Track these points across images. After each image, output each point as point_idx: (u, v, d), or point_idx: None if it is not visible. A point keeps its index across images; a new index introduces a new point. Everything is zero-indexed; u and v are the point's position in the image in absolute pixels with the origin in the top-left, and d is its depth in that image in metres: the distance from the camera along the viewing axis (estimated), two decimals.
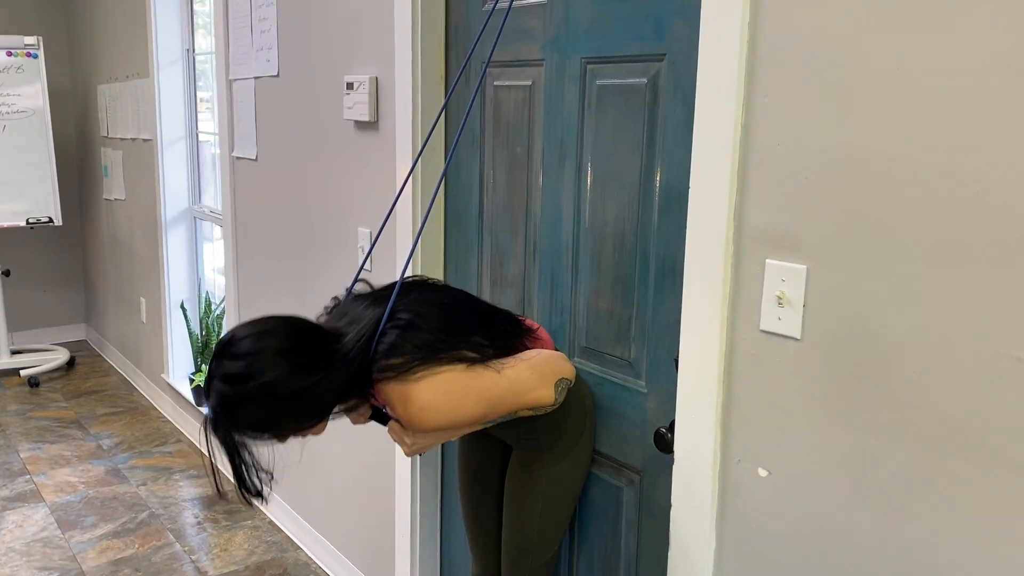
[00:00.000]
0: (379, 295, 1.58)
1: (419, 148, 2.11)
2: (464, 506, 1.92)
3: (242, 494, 1.47)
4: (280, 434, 1.45)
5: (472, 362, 1.49)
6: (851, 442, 1.23)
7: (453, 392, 1.46)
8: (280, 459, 3.08)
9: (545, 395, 1.57)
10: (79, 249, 5.47)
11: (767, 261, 1.31)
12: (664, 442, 1.58)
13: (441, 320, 1.51)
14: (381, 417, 1.69)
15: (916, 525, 1.17)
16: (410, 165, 2.13)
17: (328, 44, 2.47)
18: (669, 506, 1.62)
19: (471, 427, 1.59)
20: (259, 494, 1.47)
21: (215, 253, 4.15)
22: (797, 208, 1.26)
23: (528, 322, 1.70)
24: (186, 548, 2.99)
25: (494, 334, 1.57)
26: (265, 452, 1.48)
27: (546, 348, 1.67)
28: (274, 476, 1.51)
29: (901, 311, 1.15)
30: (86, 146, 5.11)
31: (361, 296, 1.62)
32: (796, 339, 1.28)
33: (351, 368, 1.44)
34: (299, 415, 1.44)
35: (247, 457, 1.44)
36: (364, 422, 1.66)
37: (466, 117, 1.73)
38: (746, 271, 1.34)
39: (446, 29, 2.09)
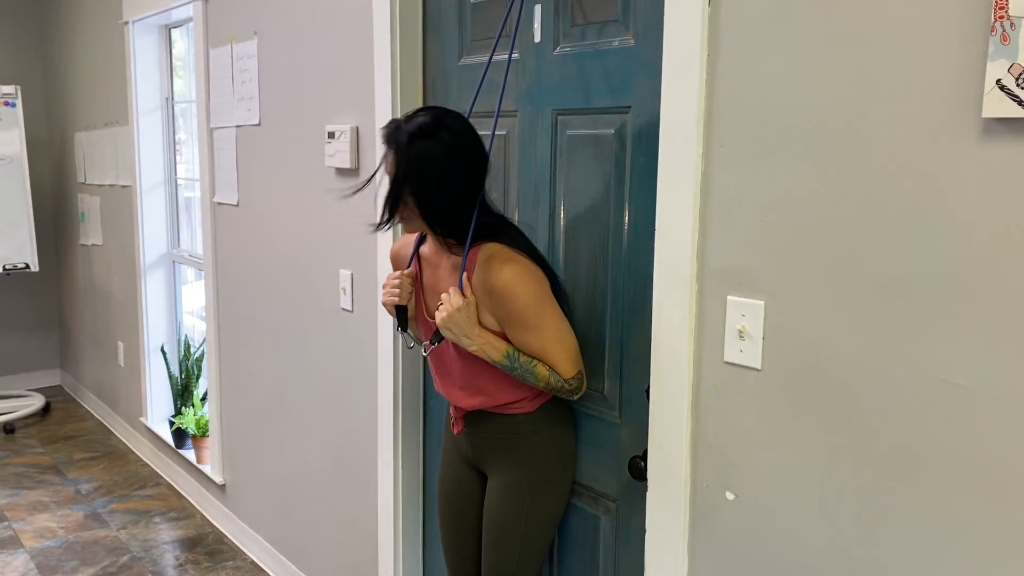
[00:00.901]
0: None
1: None
2: (444, 541, 1.98)
3: (383, 215, 1.67)
4: (419, 186, 1.61)
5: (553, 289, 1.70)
6: (810, 464, 1.33)
7: (541, 283, 1.65)
8: (265, 499, 3.12)
9: (570, 367, 1.68)
10: (54, 294, 5.48)
11: (728, 297, 1.41)
12: (638, 470, 1.66)
13: (540, 254, 1.74)
14: (402, 319, 1.82)
15: (871, 537, 1.26)
16: None
17: (309, 95, 2.57)
18: (644, 532, 1.70)
19: (499, 349, 1.66)
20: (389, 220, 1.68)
21: (193, 296, 4.20)
22: (755, 248, 1.37)
23: None
24: None
25: (562, 293, 1.75)
26: None
27: None
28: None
29: (851, 341, 1.26)
30: (62, 192, 5.15)
31: None
32: (757, 369, 1.38)
33: (485, 203, 1.69)
34: (444, 181, 1.61)
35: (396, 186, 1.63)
36: (395, 303, 1.81)
37: (488, 159, 1.83)
38: (709, 307, 1.45)
39: (423, 82, 2.20)
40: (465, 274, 1.67)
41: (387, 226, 1.68)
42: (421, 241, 1.85)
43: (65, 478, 4.04)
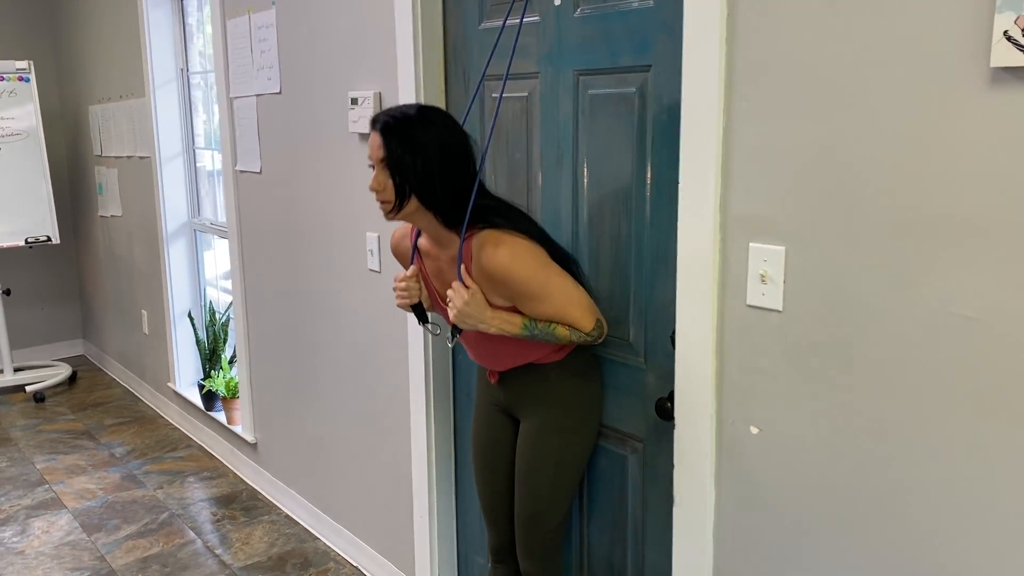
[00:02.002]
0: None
1: None
2: (479, 480, 2.09)
3: (397, 198, 1.70)
4: (408, 171, 1.67)
5: (550, 255, 1.75)
6: (830, 397, 1.43)
7: (538, 257, 1.72)
8: (299, 451, 3.24)
9: (587, 321, 1.77)
10: (74, 266, 5.58)
11: (750, 245, 1.50)
12: (665, 411, 1.77)
13: (531, 221, 1.81)
14: (421, 313, 1.91)
15: (890, 466, 1.37)
16: None
17: (330, 63, 2.64)
18: (670, 469, 1.81)
19: (515, 324, 1.75)
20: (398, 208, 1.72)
21: (215, 264, 4.29)
22: (775, 197, 1.45)
23: None
24: (208, 544, 3.14)
25: (562, 253, 1.82)
26: None
27: None
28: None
29: (866, 280, 1.35)
30: (78, 165, 5.23)
31: None
32: (779, 311, 1.48)
33: (474, 190, 1.72)
34: (430, 170, 1.67)
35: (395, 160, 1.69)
36: (409, 304, 1.88)
37: (493, 127, 1.91)
38: (732, 254, 1.54)
39: (444, 47, 2.27)
40: (463, 265, 1.74)
41: (402, 208, 1.72)
42: (418, 235, 1.91)
43: (98, 442, 4.17)
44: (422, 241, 1.89)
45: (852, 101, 1.33)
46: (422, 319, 1.93)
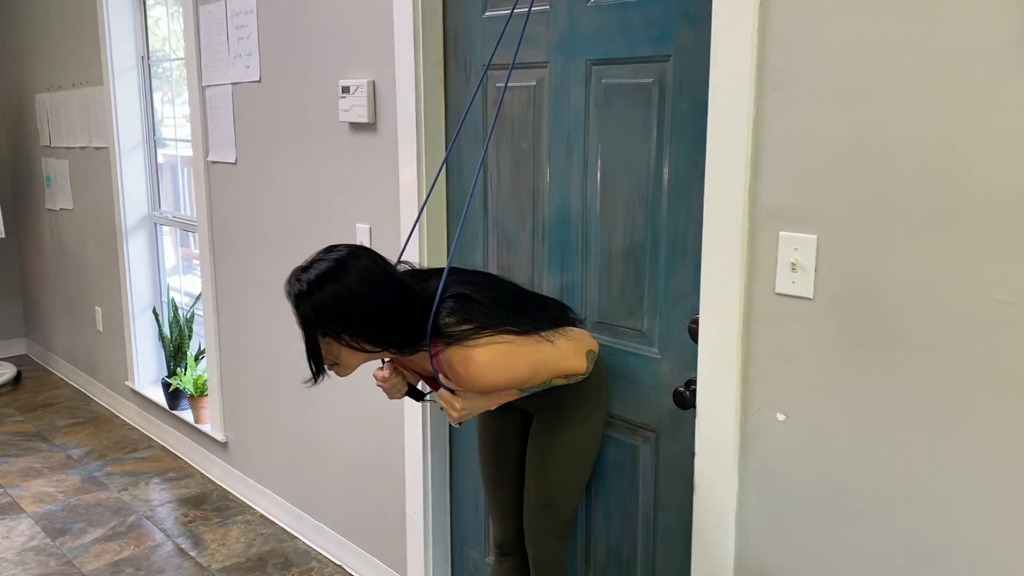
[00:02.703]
0: (427, 274, 1.75)
1: (422, 149, 2.26)
2: (486, 474, 2.08)
3: (311, 368, 1.64)
4: (340, 332, 1.60)
5: (522, 332, 1.68)
6: (861, 384, 1.45)
7: (509, 356, 1.67)
8: (272, 447, 3.17)
9: (579, 364, 1.76)
10: (16, 262, 5.35)
11: (781, 233, 1.52)
12: (683, 399, 1.78)
13: (491, 297, 1.69)
14: (416, 394, 1.86)
15: (921, 454, 1.40)
16: (415, 164, 2.28)
17: (317, 50, 2.58)
18: (684, 459, 1.82)
19: (512, 393, 1.76)
20: (320, 373, 1.65)
21: (175, 258, 4.17)
22: (807, 185, 1.47)
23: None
24: (181, 546, 3.05)
25: (535, 310, 1.76)
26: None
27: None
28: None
29: (902, 267, 1.38)
30: (22, 157, 5.01)
31: (410, 271, 1.77)
32: (809, 299, 1.50)
33: (421, 313, 1.63)
34: (368, 323, 1.60)
35: (312, 341, 1.62)
36: (399, 396, 1.85)
37: (497, 117, 1.89)
38: (761, 243, 1.55)
39: (444, 35, 2.24)
40: (442, 376, 1.71)
41: (322, 377, 1.66)
42: None
43: (52, 444, 4.01)
44: None
45: (888, 86, 1.36)
46: (418, 398, 1.92)
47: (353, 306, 1.60)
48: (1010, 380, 1.28)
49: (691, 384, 1.77)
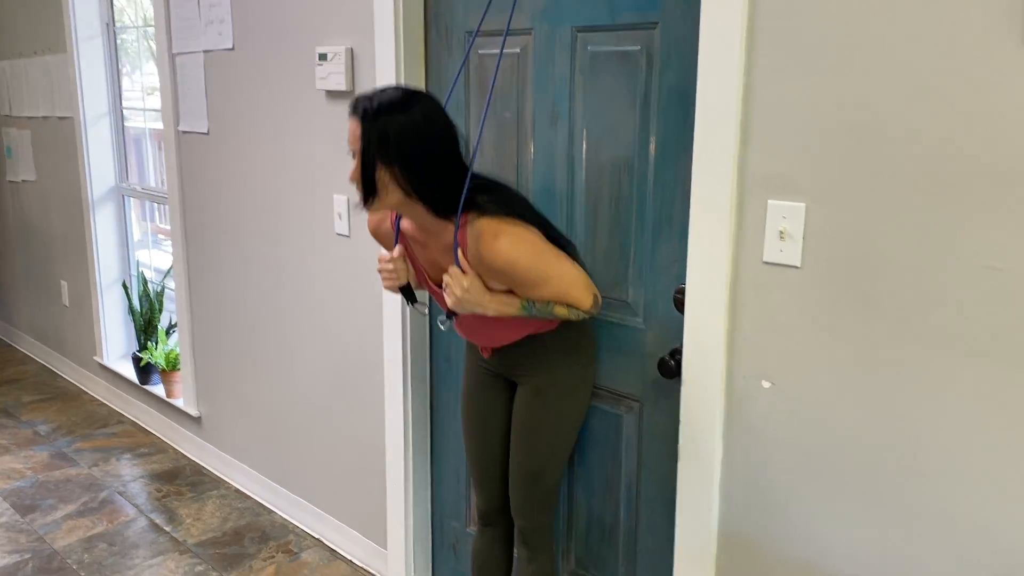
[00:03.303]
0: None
1: None
2: (470, 443, 2.07)
3: (361, 192, 1.63)
4: (392, 160, 1.59)
5: (547, 238, 1.71)
6: (848, 351, 1.47)
7: (536, 244, 1.67)
8: (252, 423, 3.14)
9: (587, 298, 1.76)
10: None
11: (769, 202, 1.52)
12: (668, 368, 1.78)
13: (523, 202, 1.77)
14: (410, 295, 1.86)
15: (907, 423, 1.42)
16: None
17: (292, 17, 2.53)
18: (668, 429, 1.83)
19: (514, 304, 1.72)
20: (371, 196, 1.64)
21: (145, 231, 4.09)
22: (797, 153, 1.48)
23: None
24: (156, 521, 3.01)
25: (558, 235, 1.78)
26: None
27: None
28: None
29: (890, 236, 1.39)
30: None
31: None
32: (797, 267, 1.51)
33: (465, 175, 1.65)
34: (422, 159, 1.60)
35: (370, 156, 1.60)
36: (395, 287, 1.83)
37: (493, 88, 1.86)
38: (749, 212, 1.56)
39: (425, 1, 2.21)
40: (460, 250, 1.69)
41: (373, 203, 1.64)
42: (400, 217, 1.83)
43: (19, 420, 3.93)
44: (404, 223, 1.81)
45: (878, 54, 1.36)
46: (411, 299, 1.89)
47: (415, 137, 1.59)
48: (999, 348, 1.30)
49: (676, 354, 1.77)
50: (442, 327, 1.83)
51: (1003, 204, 1.26)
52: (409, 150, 1.59)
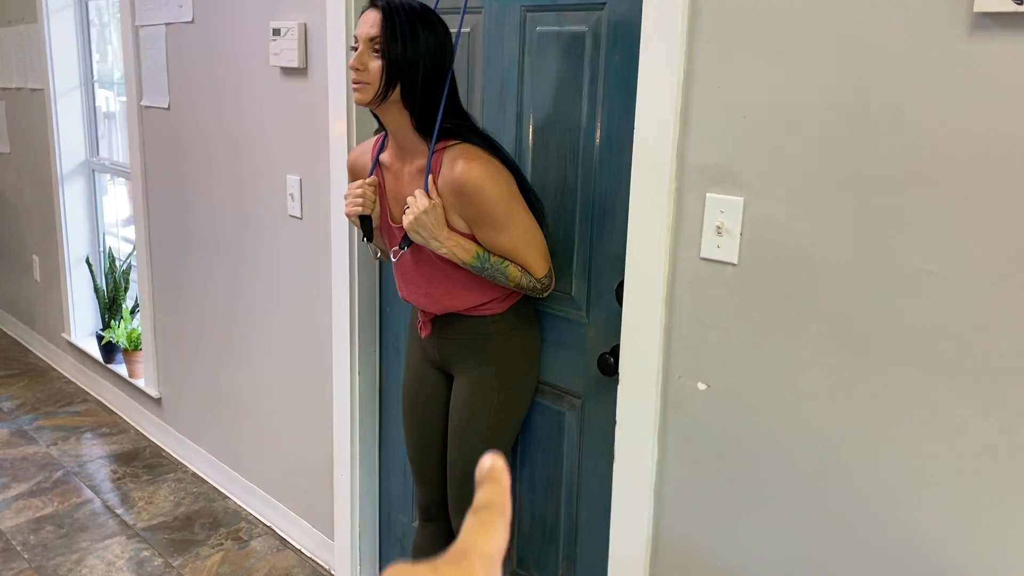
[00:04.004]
0: None
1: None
2: (409, 437, 2.00)
3: (383, 83, 1.61)
4: (399, 58, 1.58)
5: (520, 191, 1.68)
6: (783, 354, 1.39)
7: (510, 183, 1.64)
8: (207, 403, 3.08)
9: (541, 265, 1.70)
10: None
11: (707, 195, 1.44)
12: (607, 366, 1.71)
13: (506, 153, 1.72)
14: (368, 229, 1.79)
15: (840, 424, 1.34)
16: (344, 114, 2.17)
17: None
18: (609, 426, 1.76)
19: (468, 251, 1.66)
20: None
21: (115, 210, 4.02)
22: (736, 146, 1.39)
23: None
24: (108, 503, 2.96)
25: (532, 196, 1.73)
26: None
27: None
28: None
29: (828, 235, 1.31)
30: None
31: None
32: (734, 264, 1.43)
33: (449, 104, 1.63)
34: (424, 63, 1.60)
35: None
36: (357, 213, 1.76)
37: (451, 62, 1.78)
38: (687, 204, 1.48)
39: None
40: (431, 176, 1.65)
41: (385, 96, 1.62)
42: (380, 149, 1.80)
43: None
44: (385, 155, 1.78)
45: (820, 45, 1.27)
46: (367, 235, 1.81)
47: (432, 49, 1.60)
48: (932, 354, 1.22)
49: (617, 350, 1.70)
50: (392, 259, 1.78)
51: (941, 206, 1.18)
52: (419, 57, 1.59)
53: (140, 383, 3.47)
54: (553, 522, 1.95)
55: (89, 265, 3.83)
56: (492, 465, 0.47)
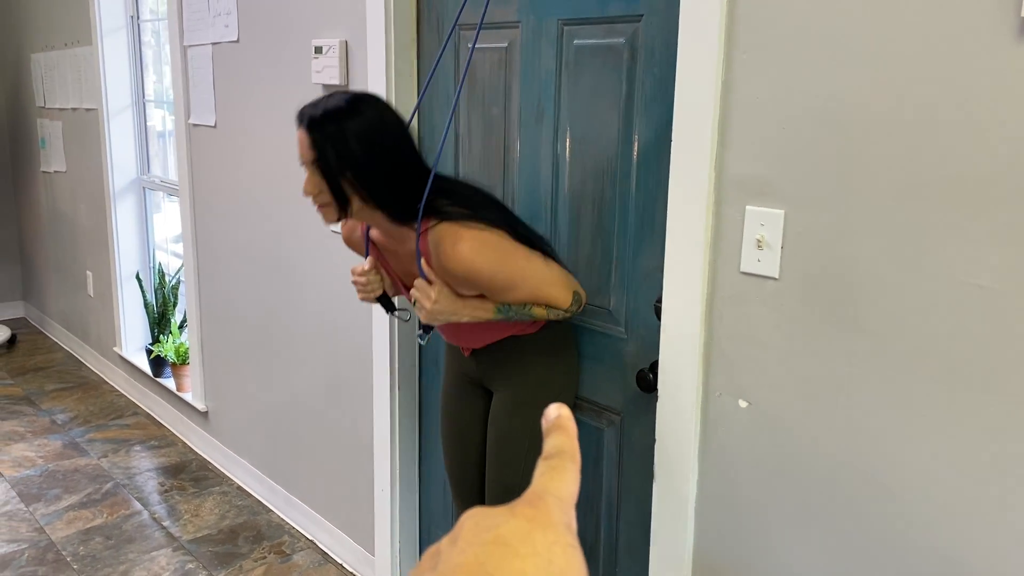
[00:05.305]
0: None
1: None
2: (448, 452, 2.00)
3: (336, 200, 1.56)
4: (345, 167, 1.52)
5: (515, 238, 1.61)
6: (826, 371, 1.35)
7: (500, 247, 1.57)
8: (252, 422, 3.11)
9: (564, 296, 1.67)
10: (14, 224, 5.32)
11: (747, 208, 1.41)
12: (646, 382, 1.68)
13: (490, 200, 1.67)
14: (388, 304, 1.80)
15: (886, 445, 1.30)
16: None
17: (292, 9, 2.48)
18: (649, 444, 1.73)
19: (488, 309, 1.64)
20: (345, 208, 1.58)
21: (164, 226, 4.10)
22: (775, 157, 1.36)
23: None
24: (155, 515, 3.00)
25: (529, 232, 1.68)
26: None
27: None
28: None
29: (872, 248, 1.27)
30: (19, 118, 4.95)
31: None
32: (775, 279, 1.39)
33: (422, 182, 1.56)
34: (374, 164, 1.52)
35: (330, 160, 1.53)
36: (372, 298, 1.76)
37: (464, 80, 1.79)
38: (727, 218, 1.45)
39: None
40: (423, 260, 1.61)
41: (344, 210, 1.57)
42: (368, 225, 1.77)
43: (39, 409, 3.98)
44: (374, 232, 1.75)
45: (862, 54, 1.24)
46: (389, 309, 1.82)
47: (364, 142, 1.51)
48: (981, 370, 1.18)
49: (656, 366, 1.67)
50: (421, 342, 1.76)
51: (995, 217, 1.14)
52: (360, 155, 1.52)
53: (188, 397, 3.52)
54: (592, 541, 1.92)
55: (139, 280, 3.91)
56: (559, 414, 0.47)
